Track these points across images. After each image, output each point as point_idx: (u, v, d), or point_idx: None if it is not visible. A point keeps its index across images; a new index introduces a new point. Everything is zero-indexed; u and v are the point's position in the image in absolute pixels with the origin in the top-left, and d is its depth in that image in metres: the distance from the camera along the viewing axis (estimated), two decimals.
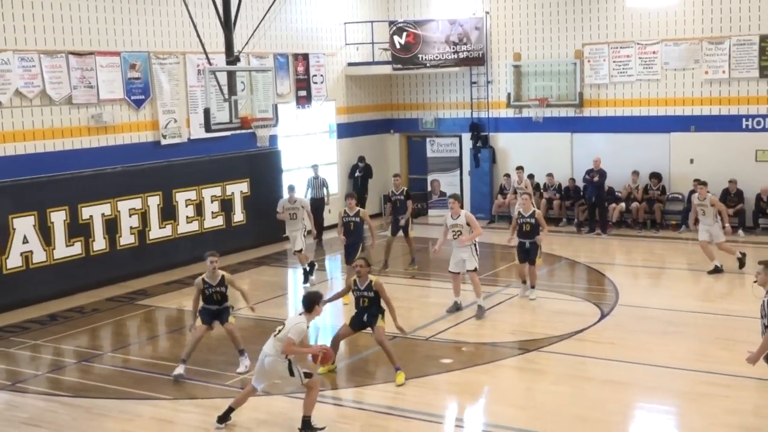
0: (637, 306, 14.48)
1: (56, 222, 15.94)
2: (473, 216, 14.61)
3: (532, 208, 14.83)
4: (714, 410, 10.15)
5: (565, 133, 22.54)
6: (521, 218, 14.75)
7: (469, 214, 14.46)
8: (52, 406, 10.85)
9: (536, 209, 15.16)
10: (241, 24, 16.42)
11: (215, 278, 11.65)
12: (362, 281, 11.41)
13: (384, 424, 10.12)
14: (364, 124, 24.07)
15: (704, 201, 16.60)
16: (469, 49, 22.72)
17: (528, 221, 14.66)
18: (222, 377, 11.59)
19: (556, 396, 10.76)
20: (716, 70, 20.64)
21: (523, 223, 14.71)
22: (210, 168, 18.98)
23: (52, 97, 16.18)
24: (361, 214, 15.55)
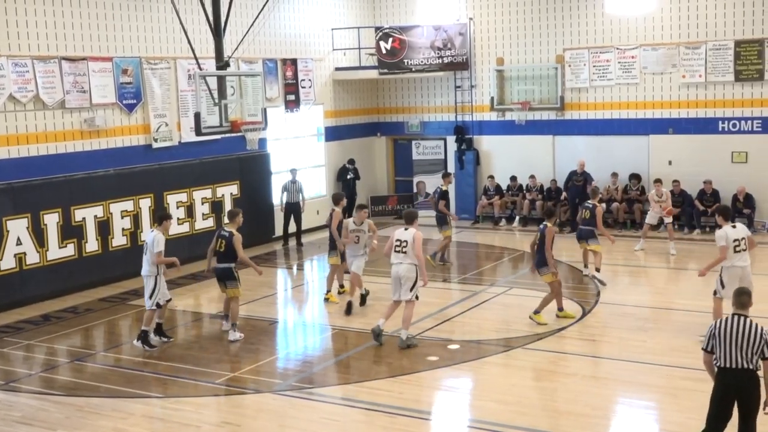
0: (618, 303, 14.50)
1: (50, 224, 15.83)
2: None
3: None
4: (692, 404, 10.13)
5: (547, 135, 22.59)
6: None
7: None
8: (45, 404, 10.76)
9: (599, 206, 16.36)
10: (230, 30, 16.38)
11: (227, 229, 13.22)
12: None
13: (370, 420, 10.08)
14: (352, 128, 24.04)
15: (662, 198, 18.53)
16: (454, 54, 22.73)
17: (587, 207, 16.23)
18: (212, 375, 11.52)
19: (539, 391, 10.77)
20: (693, 74, 20.72)
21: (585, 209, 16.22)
22: (200, 171, 18.90)
23: (45, 102, 16.08)
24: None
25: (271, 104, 20.14)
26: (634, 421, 9.99)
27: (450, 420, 10.29)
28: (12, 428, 10.04)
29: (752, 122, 20.32)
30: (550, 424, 9.69)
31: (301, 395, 10.80)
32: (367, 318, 14.06)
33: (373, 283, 15.47)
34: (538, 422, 9.75)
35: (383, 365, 11.87)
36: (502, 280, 16.64)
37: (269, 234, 20.72)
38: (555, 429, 9.53)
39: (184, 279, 17.15)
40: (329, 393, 10.94)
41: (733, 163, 20.55)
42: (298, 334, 14.28)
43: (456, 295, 15.50)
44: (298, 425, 9.93)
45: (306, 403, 10.58)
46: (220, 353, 12.52)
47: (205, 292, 16.45)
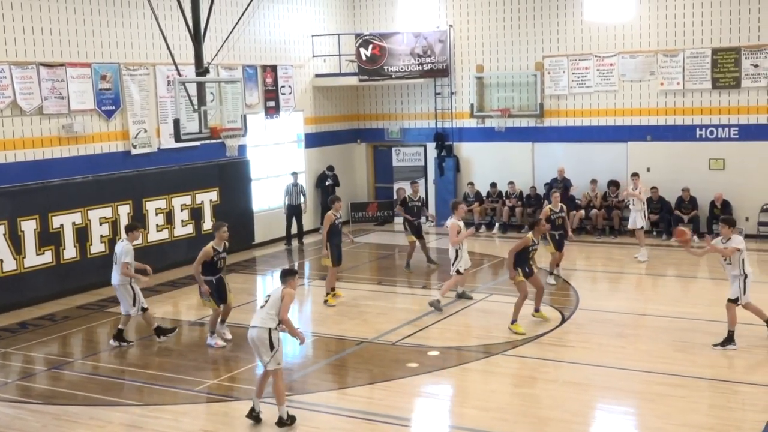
0: (597, 310, 14.57)
1: (27, 231, 15.72)
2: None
3: (560, 204, 16.58)
4: (670, 410, 10.22)
5: (527, 142, 22.68)
6: (553, 213, 16.29)
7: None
8: (21, 413, 10.66)
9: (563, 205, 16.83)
10: (210, 36, 16.35)
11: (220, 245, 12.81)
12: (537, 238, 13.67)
13: (350, 427, 10.07)
14: (332, 134, 24.04)
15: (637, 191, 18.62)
16: (434, 61, 22.79)
17: (560, 215, 16.41)
18: (191, 383, 11.47)
19: (519, 398, 10.79)
20: (671, 82, 20.89)
21: (556, 217, 16.31)
22: (180, 177, 18.83)
23: (23, 108, 15.97)
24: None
25: (251, 111, 20.10)
26: (613, 426, 10.05)
27: (430, 427, 10.29)
28: None
29: (729, 129, 20.50)
30: (531, 431, 9.72)
31: None
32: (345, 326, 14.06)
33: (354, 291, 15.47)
34: (519, 428, 9.77)
35: (363, 372, 11.86)
36: (481, 287, 16.67)
37: (249, 240, 20.67)
38: None
39: (162, 286, 17.08)
40: (309, 400, 10.89)
41: (710, 170, 20.71)
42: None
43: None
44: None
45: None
46: (199, 361, 12.46)
47: (183, 299, 16.37)
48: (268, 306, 9.80)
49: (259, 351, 9.84)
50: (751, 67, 20.06)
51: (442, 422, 10.38)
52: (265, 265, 19.73)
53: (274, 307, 9.76)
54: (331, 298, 15.41)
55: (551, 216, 16.20)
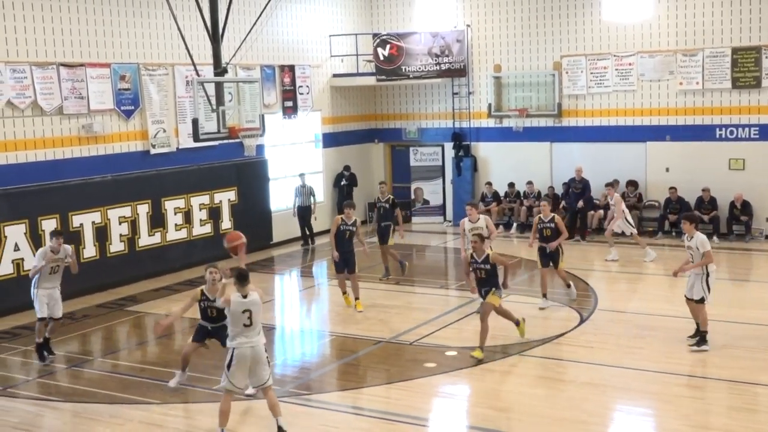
0: (615, 310, 14.56)
1: (47, 230, 15.81)
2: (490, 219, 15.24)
3: (551, 214, 14.93)
4: (687, 411, 10.21)
5: (545, 142, 22.66)
6: (542, 223, 14.87)
7: (487, 217, 15.09)
8: (42, 410, 10.80)
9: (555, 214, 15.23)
10: (228, 36, 16.45)
11: (213, 292, 10.60)
12: (479, 255, 12.15)
13: (368, 427, 10.13)
14: (349, 134, 24.10)
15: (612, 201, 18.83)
16: (451, 61, 22.81)
17: (548, 226, 14.79)
18: (210, 382, 11.54)
19: (536, 398, 10.80)
20: (690, 81, 20.81)
21: (544, 228, 14.83)
22: (198, 177, 18.95)
23: (43, 108, 16.13)
24: (357, 223, 15.16)
25: (269, 110, 20.20)
26: (630, 427, 10.05)
27: (447, 427, 10.32)
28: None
29: (749, 129, 20.40)
30: (548, 431, 9.73)
31: (298, 402, 10.84)
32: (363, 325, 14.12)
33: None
34: (536, 429, 9.79)
35: (381, 372, 11.91)
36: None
37: (267, 240, 20.78)
38: None
39: (181, 285, 17.20)
40: (327, 399, 10.97)
41: (730, 170, 20.62)
42: (296, 341, 14.32)
43: (453, 301, 15.54)
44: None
45: (303, 409, 10.61)
46: (217, 359, 12.50)
47: None
48: (256, 322, 9.28)
49: (257, 369, 9.37)
50: None
51: (460, 422, 10.41)
52: (282, 264, 19.83)
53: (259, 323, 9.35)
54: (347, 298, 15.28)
55: (539, 226, 14.94)
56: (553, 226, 14.78)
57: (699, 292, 12.26)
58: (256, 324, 9.30)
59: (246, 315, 9.21)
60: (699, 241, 12.19)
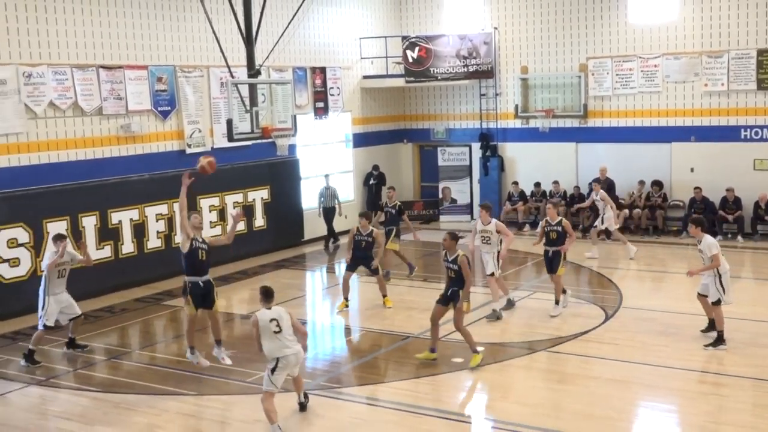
0: (640, 308, 14.46)
1: (87, 226, 16.08)
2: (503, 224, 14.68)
3: (558, 217, 14.31)
4: (712, 408, 10.14)
5: (570, 142, 22.55)
6: (548, 226, 14.17)
7: (499, 222, 14.51)
8: (83, 400, 10.94)
9: (563, 218, 14.70)
10: (261, 39, 16.50)
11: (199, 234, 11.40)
12: (450, 253, 11.65)
13: (396, 419, 10.15)
14: (379, 134, 24.13)
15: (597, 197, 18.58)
16: (479, 63, 22.77)
17: (555, 229, 14.09)
18: (243, 374, 11.64)
19: (562, 394, 10.77)
20: (715, 83, 20.61)
21: (550, 231, 14.13)
22: (232, 175, 19.06)
23: (83, 109, 16.32)
24: (375, 234, 15.00)
25: (301, 111, 20.27)
26: (655, 423, 9.99)
27: (474, 421, 10.32)
28: (52, 423, 10.23)
29: None
30: (572, 427, 9.69)
31: (329, 394, 10.89)
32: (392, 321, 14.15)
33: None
34: (561, 424, 9.76)
35: (409, 366, 11.91)
36: (525, 285, 16.64)
37: (298, 237, 20.87)
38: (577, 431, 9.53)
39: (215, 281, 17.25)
40: (356, 392, 11.02)
41: (755, 170, 20.40)
42: (326, 335, 14.38)
43: (480, 298, 15.49)
44: (327, 424, 10.01)
45: (334, 402, 10.67)
46: (251, 353, 12.57)
47: (236, 294, 16.60)
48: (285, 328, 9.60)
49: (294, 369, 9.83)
50: None
51: (486, 416, 10.41)
52: (313, 261, 19.91)
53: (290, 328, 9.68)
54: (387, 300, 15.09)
55: (546, 229, 14.24)
56: (560, 230, 14.09)
57: (714, 294, 12.16)
58: (286, 329, 9.58)
59: (273, 323, 9.53)
60: (706, 244, 12.11)
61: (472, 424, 10.23)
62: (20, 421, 10.27)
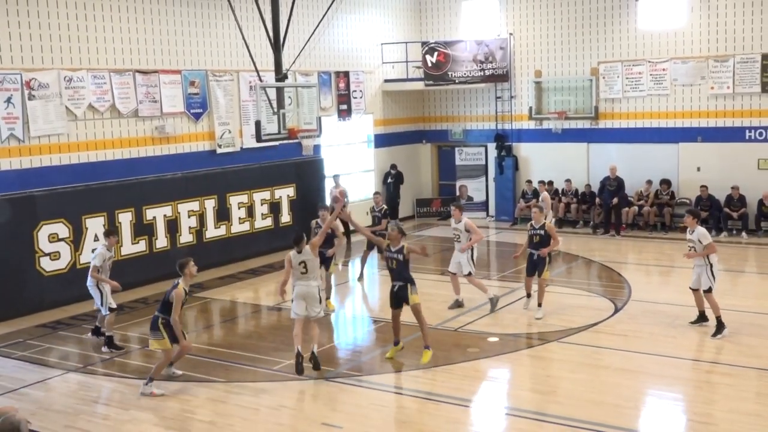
0: (648, 301, 14.32)
1: (123, 222, 16.14)
2: (473, 223, 14.06)
3: (542, 221, 13.61)
4: (717, 397, 10.01)
5: (582, 143, 22.38)
6: (532, 229, 13.52)
7: (469, 221, 13.91)
8: (119, 386, 10.98)
9: (547, 222, 14.07)
10: (288, 45, 16.51)
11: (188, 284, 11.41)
12: (394, 245, 11.30)
13: (416, 407, 10.11)
14: (399, 135, 24.07)
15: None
16: (495, 67, 22.64)
17: (538, 233, 13.38)
18: (270, 363, 11.64)
19: (573, 383, 10.67)
20: (721, 86, 20.37)
21: (534, 234, 13.44)
22: (260, 174, 19.08)
23: (120, 111, 16.38)
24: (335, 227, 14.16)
25: (325, 113, 20.27)
26: (662, 411, 9.87)
27: (489, 408, 10.25)
28: (90, 407, 10.26)
29: None
30: (583, 414, 9.60)
31: (350, 382, 10.86)
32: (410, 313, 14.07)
33: None
34: (572, 411, 9.67)
35: None
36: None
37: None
38: (588, 418, 9.43)
39: (244, 274, 17.36)
40: (377, 380, 10.97)
41: (759, 169, 20.16)
42: (348, 326, 14.35)
43: (495, 291, 15.41)
44: (350, 410, 9.98)
45: (356, 389, 10.63)
46: (277, 342, 12.63)
47: (263, 286, 16.62)
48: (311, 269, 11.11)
49: (310, 304, 11.08)
50: None
51: (501, 404, 10.33)
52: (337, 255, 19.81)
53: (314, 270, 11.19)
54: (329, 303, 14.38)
55: (530, 232, 13.57)
56: (543, 233, 13.34)
57: (706, 282, 12.19)
58: (311, 271, 11.10)
59: (302, 266, 11.05)
60: (700, 234, 12.24)
61: (488, 411, 10.16)
62: (61, 405, 10.31)
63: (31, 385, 11.04)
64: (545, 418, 9.49)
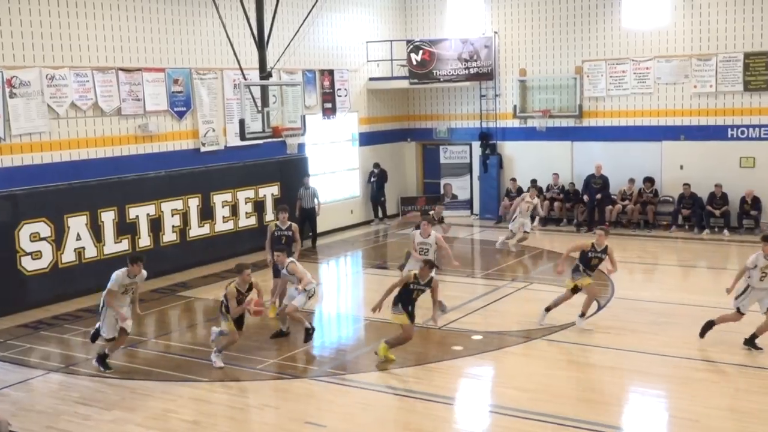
0: (632, 299, 14.36)
1: (106, 221, 16.01)
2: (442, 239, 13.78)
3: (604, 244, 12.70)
4: (700, 393, 10.05)
5: (566, 141, 22.42)
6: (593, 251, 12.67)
7: (439, 236, 13.64)
8: (101, 386, 10.88)
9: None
10: (273, 43, 16.42)
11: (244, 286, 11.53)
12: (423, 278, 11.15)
13: (399, 405, 10.09)
14: (384, 134, 24.03)
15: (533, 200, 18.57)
16: (479, 66, 22.64)
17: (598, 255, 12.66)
18: (254, 362, 11.58)
19: (557, 380, 10.68)
20: (704, 85, 20.47)
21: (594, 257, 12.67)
22: (244, 173, 18.99)
23: (103, 109, 16.25)
24: (293, 228, 13.96)
25: (310, 112, 20.17)
26: (646, 408, 9.90)
27: (473, 406, 10.25)
28: (71, 407, 10.16)
29: (760, 129, 20.03)
30: (568, 411, 9.61)
31: (335, 381, 10.82)
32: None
33: None
34: (557, 409, 9.67)
35: (411, 354, 11.82)
36: (522, 276, 16.54)
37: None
38: (573, 415, 9.45)
39: (228, 273, 17.24)
40: (361, 379, 10.93)
41: (741, 168, 20.26)
42: (333, 325, 14.31)
43: (479, 289, 15.43)
44: (334, 409, 9.95)
45: (340, 388, 10.60)
46: (261, 341, 12.57)
47: None
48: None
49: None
50: None
51: (484, 401, 10.33)
52: (323, 254, 19.81)
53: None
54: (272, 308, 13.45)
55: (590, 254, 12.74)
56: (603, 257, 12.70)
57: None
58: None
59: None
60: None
61: (472, 409, 10.15)
62: (42, 406, 10.21)
63: (12, 385, 10.93)
64: (529, 415, 9.49)
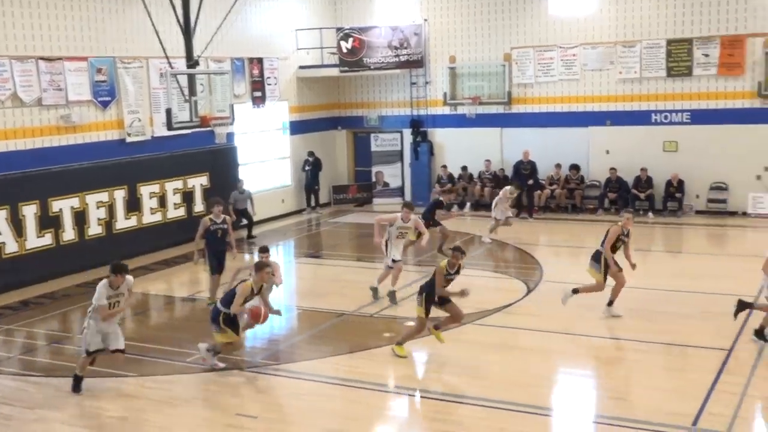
0: (559, 282, 14.54)
1: (28, 215, 15.52)
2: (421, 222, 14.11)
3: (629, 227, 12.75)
4: (626, 373, 10.28)
5: (496, 128, 22.63)
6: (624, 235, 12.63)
7: (418, 220, 13.98)
8: (23, 385, 10.55)
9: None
10: (200, 30, 16.16)
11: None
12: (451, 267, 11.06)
13: (333, 393, 10.05)
14: (315, 122, 23.89)
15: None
16: (409, 53, 22.66)
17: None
18: (184, 355, 11.38)
19: (489, 364, 10.78)
20: (629, 71, 20.89)
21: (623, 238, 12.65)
22: (172, 163, 18.63)
23: (23, 99, 15.72)
24: (227, 221, 13.66)
25: (239, 100, 19.92)
26: (574, 388, 10.08)
27: (405, 392, 10.26)
28: None
29: (682, 114, 20.56)
30: (500, 394, 9.70)
31: (268, 372, 10.72)
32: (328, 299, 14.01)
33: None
34: (488, 392, 9.76)
35: (344, 342, 11.82)
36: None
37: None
38: (504, 398, 9.54)
39: (156, 265, 16.96)
40: (295, 369, 10.85)
41: (664, 151, 20.77)
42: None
43: (411, 276, 15.46)
44: (266, 399, 9.88)
45: (274, 378, 10.51)
46: (191, 333, 12.36)
47: (176, 277, 16.26)
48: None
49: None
50: (702, 57, 20.11)
51: (416, 387, 10.35)
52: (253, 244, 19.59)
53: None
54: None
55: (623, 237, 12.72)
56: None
57: None
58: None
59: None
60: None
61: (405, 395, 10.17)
62: None
63: None
64: (462, 399, 9.57)
